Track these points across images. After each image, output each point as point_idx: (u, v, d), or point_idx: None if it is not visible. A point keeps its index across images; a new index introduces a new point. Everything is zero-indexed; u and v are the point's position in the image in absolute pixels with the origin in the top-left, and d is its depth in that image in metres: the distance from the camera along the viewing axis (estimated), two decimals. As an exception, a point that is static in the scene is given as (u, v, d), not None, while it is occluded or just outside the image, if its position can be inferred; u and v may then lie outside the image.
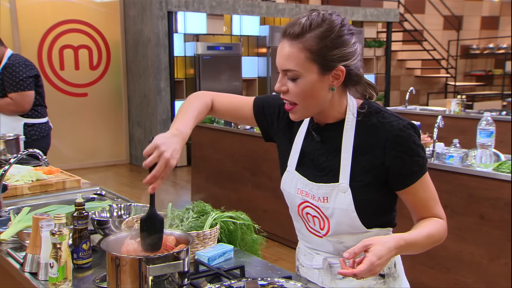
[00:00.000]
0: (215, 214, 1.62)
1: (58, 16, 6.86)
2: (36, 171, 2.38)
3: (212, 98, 1.45)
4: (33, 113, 3.40)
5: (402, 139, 1.20)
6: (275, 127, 1.42)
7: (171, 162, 1.20)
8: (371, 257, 1.09)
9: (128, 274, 1.17)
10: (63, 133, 6.82)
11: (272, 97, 1.45)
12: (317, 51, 1.17)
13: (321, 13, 1.20)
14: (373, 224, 1.27)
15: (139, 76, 7.23)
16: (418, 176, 1.23)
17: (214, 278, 1.39)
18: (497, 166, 2.77)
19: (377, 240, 1.12)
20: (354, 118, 1.26)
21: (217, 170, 4.85)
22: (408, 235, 1.19)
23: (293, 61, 1.18)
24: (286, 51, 1.19)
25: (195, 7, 6.94)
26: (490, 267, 2.77)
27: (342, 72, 1.20)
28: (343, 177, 1.24)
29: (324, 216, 1.28)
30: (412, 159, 1.21)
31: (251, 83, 7.97)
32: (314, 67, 1.18)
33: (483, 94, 11.66)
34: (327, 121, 1.29)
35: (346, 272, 1.08)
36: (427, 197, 1.26)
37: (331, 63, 1.18)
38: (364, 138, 1.24)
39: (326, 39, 1.17)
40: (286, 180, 1.36)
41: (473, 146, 3.01)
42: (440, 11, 11.06)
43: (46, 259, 1.32)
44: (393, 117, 1.23)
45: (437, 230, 1.24)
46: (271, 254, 3.86)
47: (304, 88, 1.19)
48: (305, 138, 1.34)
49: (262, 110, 1.43)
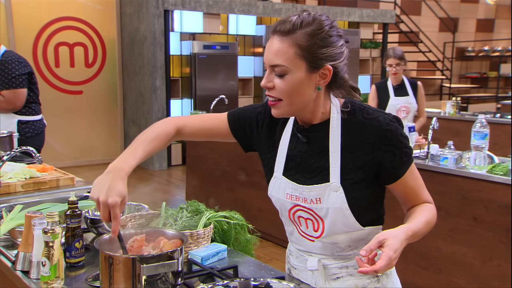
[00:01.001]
0: (209, 213, 1.62)
1: (54, 13, 6.83)
2: (30, 169, 2.37)
3: (178, 125, 1.41)
4: (27, 110, 3.38)
5: (391, 133, 1.22)
6: (255, 137, 1.41)
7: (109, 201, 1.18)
8: (388, 251, 1.09)
9: (122, 273, 1.17)
10: (58, 130, 6.80)
11: (245, 109, 1.44)
12: (307, 48, 1.18)
13: (311, 13, 1.22)
14: (367, 221, 1.28)
15: (135, 74, 7.22)
16: (407, 166, 1.26)
17: (207, 278, 1.39)
18: (491, 169, 2.78)
19: (390, 234, 1.13)
20: (339, 117, 1.27)
21: (212, 169, 4.85)
22: (413, 225, 1.21)
23: (282, 56, 1.19)
24: (275, 46, 1.20)
25: (192, 5, 6.93)
26: (483, 269, 2.79)
27: (330, 72, 1.21)
28: (334, 176, 1.25)
29: (318, 217, 1.28)
30: (401, 151, 1.24)
31: (247, 83, 7.97)
32: (302, 64, 1.19)
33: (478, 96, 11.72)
34: (312, 122, 1.29)
35: (366, 270, 1.08)
36: (416, 185, 1.29)
37: (320, 61, 1.19)
38: (352, 136, 1.25)
39: (316, 37, 1.18)
40: (274, 186, 1.36)
41: (468, 148, 3.02)
42: (436, 13, 11.10)
43: (38, 258, 1.31)
44: (378, 113, 1.25)
45: (432, 216, 1.28)
46: (265, 254, 3.86)
47: (291, 84, 1.20)
48: (290, 142, 1.33)
49: (238, 123, 1.42)
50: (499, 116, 5.60)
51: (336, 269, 1.33)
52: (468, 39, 12.43)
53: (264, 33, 7.74)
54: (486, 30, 12.79)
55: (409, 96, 4.11)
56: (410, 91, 4.10)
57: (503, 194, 2.68)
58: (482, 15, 12.72)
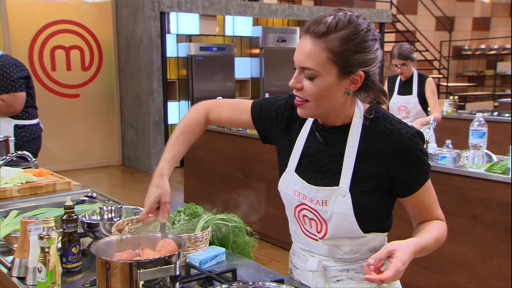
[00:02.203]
0: (207, 216, 1.61)
1: (49, 16, 6.81)
2: (26, 173, 2.35)
3: (207, 112, 1.49)
4: (24, 114, 3.36)
5: (411, 148, 1.20)
6: (274, 129, 1.40)
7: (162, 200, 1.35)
8: (397, 263, 1.08)
9: (119, 278, 1.15)
10: (55, 134, 6.77)
11: (269, 101, 1.44)
12: (340, 54, 1.14)
13: (348, 14, 1.17)
14: (370, 229, 1.26)
15: (132, 77, 7.20)
16: (423, 183, 1.24)
17: (205, 281, 1.38)
18: (489, 167, 2.78)
19: (400, 246, 1.12)
20: (361, 122, 1.24)
21: (210, 171, 4.83)
22: (423, 239, 1.20)
23: (314, 60, 1.15)
24: (307, 48, 1.16)
25: (188, 7, 6.92)
26: (483, 268, 2.78)
27: (361, 78, 1.18)
28: (344, 181, 1.23)
29: (322, 220, 1.27)
30: (418, 167, 1.22)
31: (244, 84, 7.96)
32: (333, 69, 1.15)
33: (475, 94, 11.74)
34: (333, 124, 1.27)
35: (373, 278, 1.06)
36: (430, 202, 1.27)
37: (352, 67, 1.16)
38: (371, 144, 1.22)
39: (350, 43, 1.14)
40: (284, 181, 1.35)
41: (466, 147, 3.02)
42: (432, 12, 11.11)
43: (34, 264, 1.30)
44: (401, 125, 1.22)
45: (442, 234, 1.27)
46: (264, 255, 3.85)
47: (320, 88, 1.17)
48: (307, 140, 1.32)
49: (259, 114, 1.42)
50: (496, 115, 5.60)
51: (336, 271, 1.32)
52: (464, 38, 12.45)
53: (260, 34, 7.73)
54: (482, 28, 12.81)
55: (411, 96, 3.88)
56: (415, 89, 3.85)
57: (502, 192, 2.67)
58: (478, 13, 12.74)
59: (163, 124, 6.97)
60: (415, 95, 3.86)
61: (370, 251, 1.30)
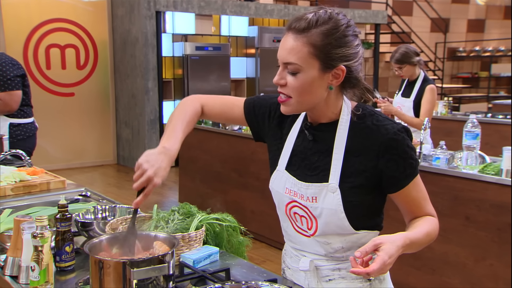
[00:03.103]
0: (201, 216, 1.61)
1: (44, 14, 6.78)
2: (20, 172, 2.34)
3: (202, 103, 1.47)
4: (19, 113, 3.36)
5: (397, 143, 1.21)
6: (266, 127, 1.42)
7: (155, 180, 1.24)
8: (383, 256, 1.09)
9: (112, 277, 1.15)
10: (49, 133, 6.75)
11: (262, 98, 1.46)
12: (321, 47, 1.17)
13: (328, 11, 1.21)
14: (361, 226, 1.27)
15: (127, 76, 7.18)
16: (411, 178, 1.25)
17: (199, 281, 1.38)
18: (483, 168, 2.80)
19: (387, 239, 1.13)
20: (348, 119, 1.26)
21: (205, 171, 4.83)
22: (412, 234, 1.20)
23: (296, 54, 1.18)
24: (289, 44, 1.19)
25: (184, 7, 6.91)
26: (475, 268, 2.80)
27: (343, 72, 1.20)
28: (333, 177, 1.24)
29: (312, 216, 1.28)
30: (406, 162, 1.23)
31: (240, 84, 7.96)
32: (316, 63, 1.18)
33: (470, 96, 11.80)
34: (320, 121, 1.29)
35: (359, 271, 1.07)
36: (419, 197, 1.28)
37: (333, 61, 1.19)
38: (358, 140, 1.24)
39: (331, 37, 1.17)
40: (275, 179, 1.36)
41: (460, 148, 3.03)
42: (427, 13, 11.16)
43: (27, 262, 1.30)
44: (387, 121, 1.24)
45: (433, 229, 1.27)
46: (259, 255, 3.85)
47: (303, 83, 1.19)
48: (297, 138, 1.34)
49: (252, 111, 1.44)
50: (490, 116, 5.63)
51: (328, 271, 1.33)
52: (459, 40, 12.51)
53: (256, 34, 7.74)
54: (477, 30, 12.88)
55: (408, 99, 3.77)
56: (414, 94, 3.72)
57: (495, 193, 2.69)
58: (473, 15, 12.81)
59: (158, 124, 6.96)
60: (411, 99, 3.75)
61: None
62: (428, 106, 3.63)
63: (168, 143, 1.32)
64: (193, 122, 1.43)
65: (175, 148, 1.32)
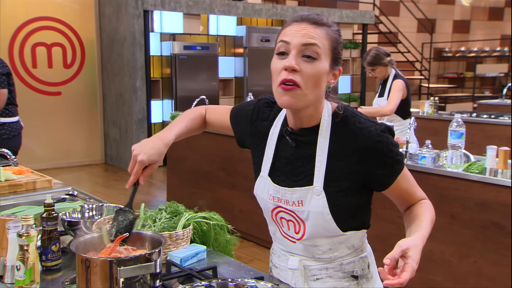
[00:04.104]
0: (188, 214, 1.61)
1: (30, 13, 6.71)
2: (5, 171, 2.32)
3: (206, 107, 1.55)
4: (4, 112, 3.33)
5: (382, 144, 1.22)
6: (248, 133, 1.41)
7: (138, 158, 1.30)
8: (412, 263, 1.09)
9: (99, 276, 1.15)
10: (36, 132, 6.69)
11: (245, 104, 1.46)
12: (336, 44, 1.22)
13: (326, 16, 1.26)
14: (348, 227, 1.28)
15: (115, 75, 7.14)
16: (399, 172, 1.27)
17: (186, 279, 1.39)
18: (467, 167, 2.83)
19: (411, 244, 1.13)
20: (330, 122, 1.25)
21: (193, 170, 4.83)
22: (425, 231, 1.22)
23: (319, 39, 1.18)
24: (310, 30, 1.18)
25: (172, 6, 6.89)
26: (460, 266, 2.84)
27: (339, 73, 1.25)
28: (317, 180, 1.24)
29: (300, 220, 1.28)
30: (393, 160, 1.25)
31: (228, 83, 7.96)
32: (329, 57, 1.21)
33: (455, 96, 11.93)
34: (302, 126, 1.27)
35: (393, 283, 1.05)
36: (409, 186, 1.31)
37: (338, 60, 1.24)
38: (341, 144, 1.24)
39: (340, 38, 1.24)
40: (259, 186, 1.36)
41: (446, 147, 3.07)
42: (414, 14, 11.26)
43: (13, 262, 1.29)
44: (369, 123, 1.24)
45: (433, 213, 1.30)
46: (246, 254, 3.86)
47: (317, 71, 1.18)
48: (277, 143, 1.33)
49: (235, 119, 1.45)
50: (475, 116, 5.71)
51: (316, 270, 1.33)
52: (445, 40, 12.64)
53: (244, 34, 7.74)
54: (462, 31, 13.03)
55: (383, 98, 3.87)
56: (386, 92, 3.84)
57: (479, 192, 2.73)
58: (458, 16, 12.95)
59: (146, 123, 6.93)
60: (385, 97, 3.85)
61: (349, 249, 1.32)
62: (393, 94, 3.73)
63: (164, 132, 1.40)
64: (196, 120, 1.50)
65: (171, 136, 1.39)
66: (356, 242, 1.33)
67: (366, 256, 1.37)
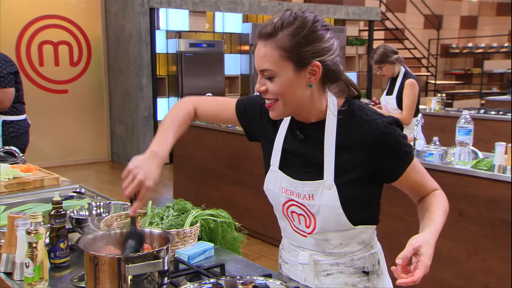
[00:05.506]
0: (196, 212, 1.61)
1: (37, 11, 6.74)
2: (13, 169, 2.34)
3: (195, 105, 1.48)
4: (12, 110, 3.34)
5: (389, 136, 1.22)
6: (258, 127, 1.42)
7: (146, 183, 1.23)
8: (425, 260, 1.10)
9: (107, 273, 1.16)
10: (43, 130, 6.72)
11: (253, 98, 1.46)
12: (290, 48, 1.18)
13: (293, 12, 1.22)
14: (358, 220, 1.28)
15: (121, 73, 7.16)
16: (408, 163, 1.27)
17: (194, 276, 1.39)
18: (475, 164, 2.82)
19: (423, 240, 1.13)
20: (335, 116, 1.26)
21: (199, 167, 4.83)
22: (437, 224, 1.22)
23: (268, 60, 1.19)
24: (261, 51, 1.21)
25: (177, 3, 6.89)
26: (468, 263, 2.82)
27: (318, 68, 1.20)
28: (328, 174, 1.25)
29: (311, 214, 1.29)
30: (401, 151, 1.25)
31: (234, 81, 7.95)
32: (289, 65, 1.19)
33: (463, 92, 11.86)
34: (309, 120, 1.29)
35: (407, 281, 1.06)
36: (420, 177, 1.31)
37: (306, 59, 1.19)
38: (349, 136, 1.25)
39: (298, 36, 1.18)
40: (270, 180, 1.36)
41: (453, 144, 3.05)
42: (420, 10, 11.19)
43: (22, 259, 1.30)
44: (376, 115, 1.25)
45: (446, 204, 1.30)
46: (253, 251, 3.86)
47: (282, 86, 1.21)
48: (286, 136, 1.34)
49: (244, 112, 1.44)
50: (483, 112, 5.67)
51: (327, 265, 1.33)
52: (452, 36, 12.56)
53: (250, 31, 7.73)
54: (469, 27, 12.94)
55: (391, 97, 3.79)
56: (396, 91, 3.75)
57: (488, 189, 2.71)
58: (465, 12, 12.86)
59: (153, 121, 6.94)
60: (394, 96, 3.77)
61: (359, 244, 1.32)
62: (407, 100, 3.66)
63: (157, 146, 1.32)
64: (186, 124, 1.44)
65: (165, 151, 1.32)
66: (367, 238, 1.33)
67: (376, 252, 1.37)
